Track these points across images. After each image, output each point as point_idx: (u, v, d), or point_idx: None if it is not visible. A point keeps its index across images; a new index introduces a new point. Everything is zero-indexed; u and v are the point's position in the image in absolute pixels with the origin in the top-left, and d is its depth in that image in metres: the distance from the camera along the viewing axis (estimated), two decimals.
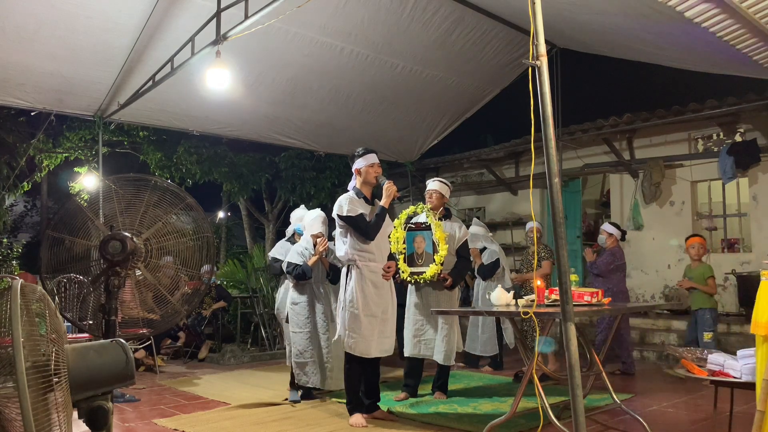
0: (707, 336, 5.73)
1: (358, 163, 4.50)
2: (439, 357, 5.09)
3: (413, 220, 5.26)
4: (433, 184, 5.31)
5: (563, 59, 7.41)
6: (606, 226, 6.54)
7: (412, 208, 5.25)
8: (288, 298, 5.36)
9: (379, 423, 4.37)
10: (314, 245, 5.24)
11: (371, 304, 4.38)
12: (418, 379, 5.27)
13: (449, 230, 5.15)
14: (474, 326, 6.69)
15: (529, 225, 6.80)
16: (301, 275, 5.13)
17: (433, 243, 5.04)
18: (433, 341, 5.11)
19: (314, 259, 5.19)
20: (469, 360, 6.85)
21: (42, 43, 5.73)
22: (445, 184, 5.37)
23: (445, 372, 5.27)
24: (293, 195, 10.59)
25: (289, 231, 5.97)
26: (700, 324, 5.83)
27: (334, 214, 4.46)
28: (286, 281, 5.53)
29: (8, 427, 1.82)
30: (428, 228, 5.08)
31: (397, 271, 5.07)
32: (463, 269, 5.29)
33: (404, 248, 5.13)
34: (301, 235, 5.62)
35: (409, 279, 5.07)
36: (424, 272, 5.00)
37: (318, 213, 5.45)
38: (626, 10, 4.93)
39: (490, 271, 6.48)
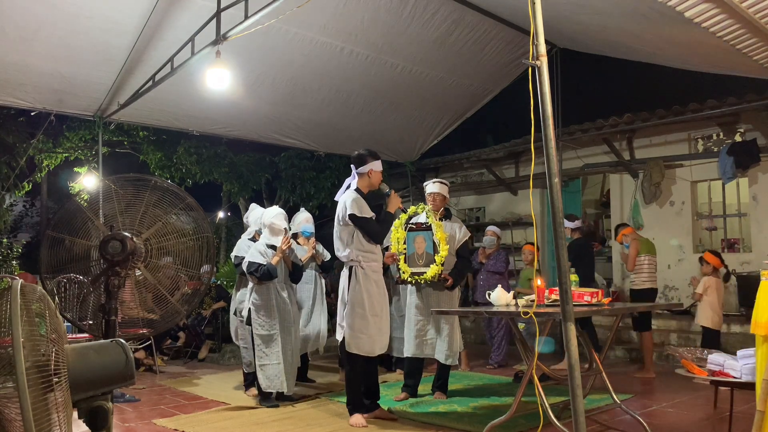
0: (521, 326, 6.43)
1: (373, 165, 4.47)
2: (441, 356, 5.08)
3: (413, 220, 5.26)
4: (434, 186, 5.29)
5: (563, 59, 7.41)
6: (494, 228, 7.19)
7: (413, 208, 5.25)
8: (249, 299, 5.12)
9: (379, 423, 4.37)
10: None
11: (375, 303, 4.40)
12: (418, 379, 5.27)
13: (449, 230, 5.15)
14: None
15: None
16: (266, 275, 4.93)
17: (434, 243, 5.03)
18: (435, 341, 5.10)
19: (277, 257, 5.01)
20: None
21: (42, 43, 5.72)
22: (444, 184, 5.37)
23: (446, 372, 5.27)
24: (293, 195, 10.59)
25: (250, 231, 5.73)
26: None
27: (345, 214, 4.37)
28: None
29: (8, 427, 1.82)
30: (429, 228, 5.07)
31: (397, 271, 5.07)
32: (464, 269, 5.29)
33: (405, 248, 5.12)
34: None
35: (409, 279, 5.06)
36: (425, 273, 5.00)
37: (279, 210, 5.30)
38: (626, 10, 4.93)
39: None
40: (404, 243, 5.13)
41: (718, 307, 5.91)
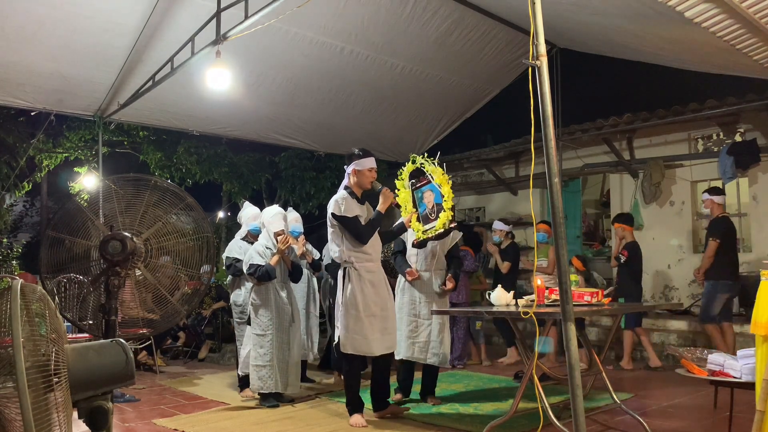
0: (478, 324, 7.19)
1: (358, 164, 4.46)
2: (434, 360, 4.99)
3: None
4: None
5: (563, 59, 7.40)
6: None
7: (409, 165, 4.98)
8: (249, 299, 5.14)
9: (379, 423, 4.37)
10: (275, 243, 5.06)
11: (371, 303, 4.38)
12: (410, 380, 5.22)
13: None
14: None
15: None
16: (265, 276, 4.91)
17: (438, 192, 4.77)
18: (426, 343, 5.01)
19: (276, 258, 4.98)
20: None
21: (42, 43, 5.72)
22: None
23: (434, 375, 5.16)
24: (293, 195, 10.59)
25: (243, 231, 5.74)
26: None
27: (329, 213, 4.41)
28: (248, 282, 5.32)
29: (8, 427, 1.82)
30: (430, 181, 4.82)
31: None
32: (458, 269, 5.23)
33: (414, 210, 4.90)
34: (255, 234, 5.43)
35: (424, 236, 4.83)
36: (434, 226, 4.74)
37: (277, 210, 5.26)
38: (626, 11, 4.93)
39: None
40: (413, 202, 4.91)
41: None
